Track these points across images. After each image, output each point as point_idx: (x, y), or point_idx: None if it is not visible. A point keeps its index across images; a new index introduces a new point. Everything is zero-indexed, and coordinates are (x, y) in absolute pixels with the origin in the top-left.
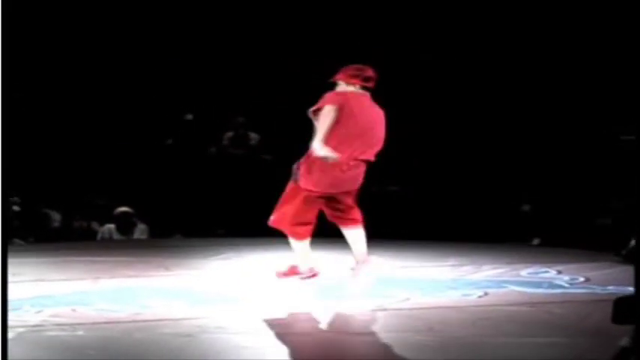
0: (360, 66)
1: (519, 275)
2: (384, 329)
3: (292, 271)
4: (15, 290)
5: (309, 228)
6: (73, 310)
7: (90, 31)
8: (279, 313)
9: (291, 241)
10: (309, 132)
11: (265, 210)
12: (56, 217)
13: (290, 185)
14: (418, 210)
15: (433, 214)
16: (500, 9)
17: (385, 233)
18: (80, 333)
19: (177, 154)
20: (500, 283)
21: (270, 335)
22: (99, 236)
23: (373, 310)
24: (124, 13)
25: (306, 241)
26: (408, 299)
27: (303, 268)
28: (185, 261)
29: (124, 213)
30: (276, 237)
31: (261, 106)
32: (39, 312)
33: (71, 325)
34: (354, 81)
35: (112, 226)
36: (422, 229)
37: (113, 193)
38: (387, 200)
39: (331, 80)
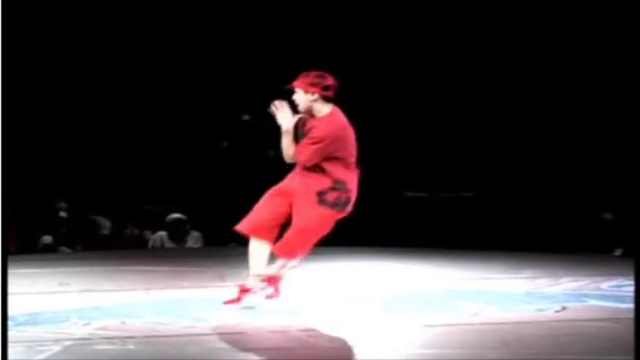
0: (320, 73)
1: (600, 288)
2: (455, 345)
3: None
4: (62, 301)
5: None
6: (123, 323)
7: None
8: (339, 327)
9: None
10: (366, 131)
11: None
12: (106, 224)
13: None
14: (492, 217)
15: (507, 221)
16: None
17: (455, 242)
18: (130, 347)
19: (233, 157)
20: (579, 297)
21: (330, 351)
22: (150, 244)
23: (440, 325)
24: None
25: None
26: (477, 313)
27: None
28: (241, 271)
29: (177, 220)
30: (339, 245)
31: None
32: (86, 324)
33: (120, 338)
34: (313, 89)
35: (163, 233)
36: (495, 238)
37: (165, 198)
38: (460, 207)
39: (288, 87)
